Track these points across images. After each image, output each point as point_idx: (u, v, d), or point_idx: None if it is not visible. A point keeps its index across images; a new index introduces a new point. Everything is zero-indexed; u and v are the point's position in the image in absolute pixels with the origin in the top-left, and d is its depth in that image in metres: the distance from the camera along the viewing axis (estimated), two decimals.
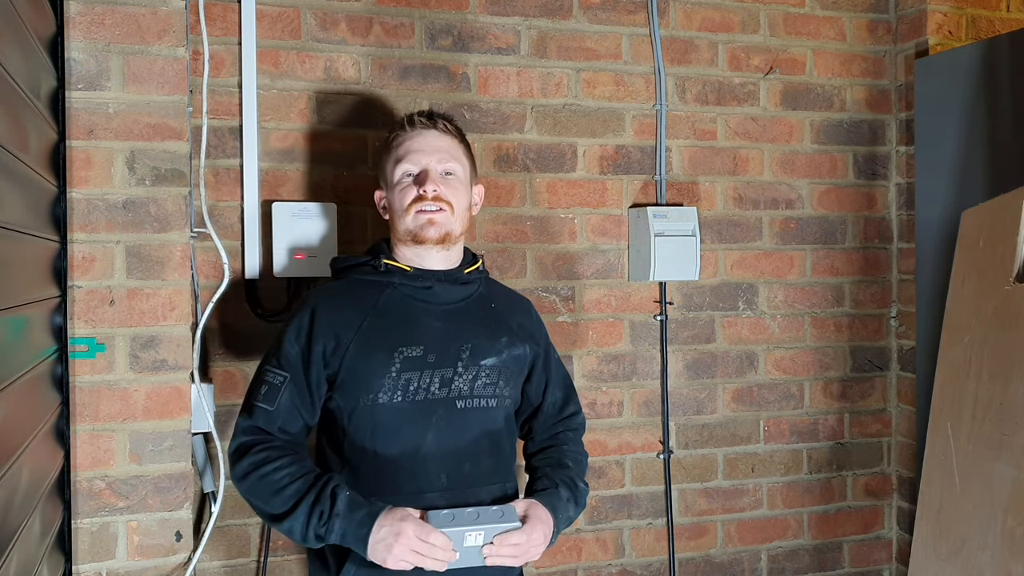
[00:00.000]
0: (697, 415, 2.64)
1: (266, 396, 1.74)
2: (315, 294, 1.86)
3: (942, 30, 2.69)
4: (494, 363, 1.80)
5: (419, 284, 1.81)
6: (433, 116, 1.87)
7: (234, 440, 1.74)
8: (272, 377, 1.75)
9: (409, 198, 1.81)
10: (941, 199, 2.57)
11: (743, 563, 2.69)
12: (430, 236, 1.80)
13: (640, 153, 2.57)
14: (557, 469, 1.85)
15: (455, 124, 1.91)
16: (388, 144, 1.89)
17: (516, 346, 1.86)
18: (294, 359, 1.75)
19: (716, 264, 2.65)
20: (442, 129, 1.86)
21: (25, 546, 1.42)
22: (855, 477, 2.80)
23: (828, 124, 2.75)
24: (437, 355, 1.75)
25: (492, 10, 2.44)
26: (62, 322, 1.82)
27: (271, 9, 2.25)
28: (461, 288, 1.85)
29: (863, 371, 2.80)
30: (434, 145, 1.83)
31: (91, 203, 1.88)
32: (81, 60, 1.87)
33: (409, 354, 1.73)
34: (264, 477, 1.67)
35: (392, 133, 1.89)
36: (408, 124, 1.86)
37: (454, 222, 1.82)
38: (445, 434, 1.73)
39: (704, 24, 2.63)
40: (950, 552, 2.12)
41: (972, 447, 2.09)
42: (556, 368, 1.98)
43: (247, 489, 1.69)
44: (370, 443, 1.72)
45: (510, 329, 1.87)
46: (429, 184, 1.79)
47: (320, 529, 1.61)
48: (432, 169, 1.81)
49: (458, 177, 1.85)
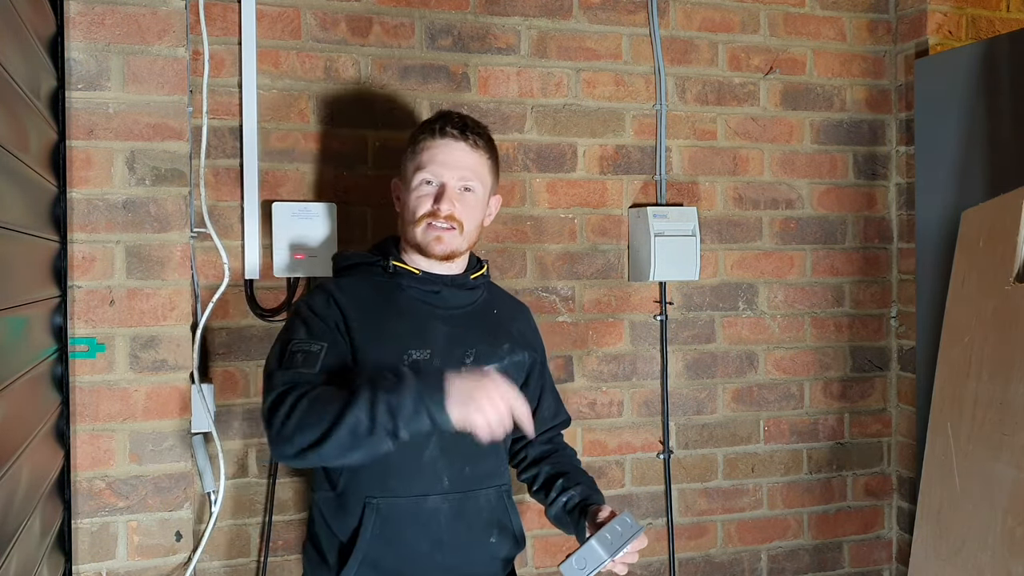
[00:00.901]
0: (697, 415, 2.64)
1: (305, 362, 1.62)
2: (327, 284, 1.81)
3: (942, 30, 2.69)
4: (496, 368, 1.79)
5: (428, 288, 1.80)
6: (466, 129, 1.79)
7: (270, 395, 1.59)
8: (307, 346, 1.65)
9: (423, 210, 1.77)
10: (941, 199, 2.57)
11: (743, 563, 2.69)
12: (435, 252, 1.78)
13: (640, 153, 2.57)
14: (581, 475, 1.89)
15: (488, 137, 1.84)
16: (414, 143, 1.83)
17: (517, 352, 1.86)
18: (324, 331, 1.68)
19: (716, 264, 2.65)
20: (472, 144, 1.79)
21: (25, 546, 1.42)
22: (855, 477, 2.80)
23: (828, 124, 2.75)
24: (443, 359, 1.73)
25: (492, 10, 2.44)
26: (62, 322, 1.82)
27: (271, 9, 2.25)
28: (467, 293, 1.85)
29: (863, 371, 2.80)
30: (459, 161, 1.78)
31: (91, 203, 1.88)
32: (81, 60, 1.87)
33: (418, 357, 1.72)
34: (316, 399, 1.54)
35: (421, 133, 1.82)
36: (439, 132, 1.78)
37: (462, 241, 1.79)
38: (448, 438, 1.70)
39: (704, 24, 2.63)
40: (950, 552, 2.12)
41: (972, 447, 2.09)
42: (548, 375, 2.00)
43: (297, 420, 1.53)
44: None
45: (511, 336, 1.88)
46: (444, 203, 1.75)
47: (391, 397, 1.49)
48: (451, 186, 1.77)
49: (476, 195, 1.80)
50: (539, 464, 1.93)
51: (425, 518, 1.71)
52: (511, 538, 1.83)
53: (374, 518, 1.69)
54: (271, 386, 1.62)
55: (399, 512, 1.70)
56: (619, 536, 1.61)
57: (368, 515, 1.69)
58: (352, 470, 1.72)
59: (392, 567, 1.71)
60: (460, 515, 1.74)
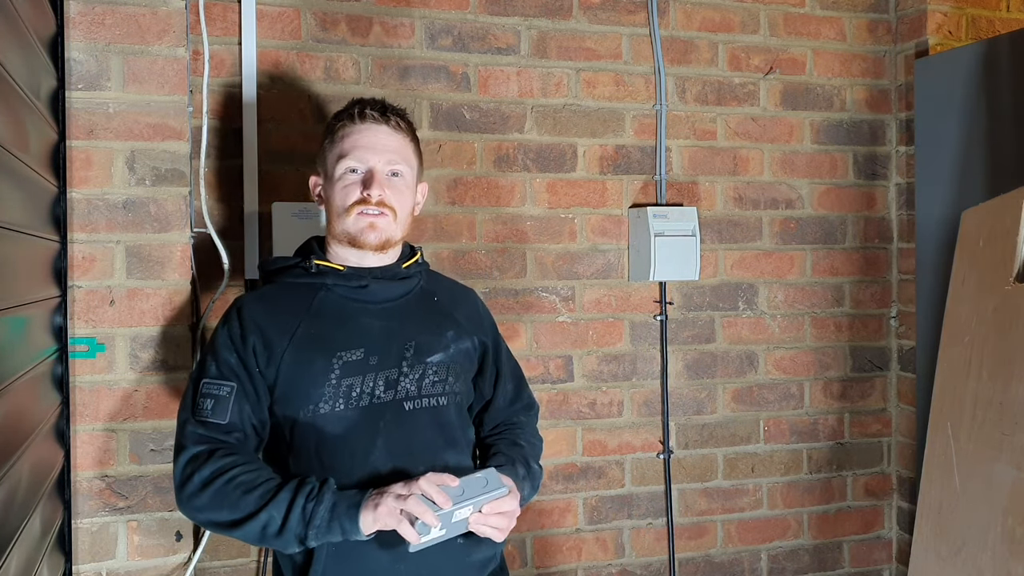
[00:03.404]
0: (697, 415, 2.64)
1: (215, 410, 1.58)
2: (241, 300, 1.71)
3: (942, 30, 2.69)
4: (441, 359, 1.69)
5: (354, 283, 1.69)
6: (386, 110, 1.72)
7: (183, 453, 1.56)
8: (216, 390, 1.60)
9: (351, 199, 1.67)
10: (941, 199, 2.57)
11: (743, 563, 2.69)
12: (369, 241, 1.68)
13: (640, 153, 2.57)
14: (511, 447, 1.75)
15: (408, 119, 1.76)
16: (332, 132, 1.73)
17: (463, 339, 1.75)
18: (236, 368, 1.61)
19: (716, 264, 2.65)
20: (394, 126, 1.71)
21: (25, 546, 1.42)
22: (855, 477, 2.80)
23: (828, 124, 2.75)
24: (379, 356, 1.64)
25: (492, 10, 2.44)
26: (62, 322, 1.82)
27: (271, 9, 2.25)
28: (399, 284, 1.73)
29: (863, 371, 2.80)
30: (383, 144, 1.69)
31: (91, 203, 1.88)
32: (81, 60, 1.87)
33: (349, 358, 1.62)
34: (233, 480, 1.51)
35: (338, 121, 1.73)
36: (358, 116, 1.70)
37: (395, 228, 1.70)
38: (395, 438, 1.60)
39: (704, 24, 2.63)
40: (950, 552, 2.12)
41: (972, 447, 2.09)
42: (507, 360, 1.88)
43: (211, 496, 1.51)
44: (316, 456, 1.59)
45: (456, 322, 1.76)
46: (375, 188, 1.66)
47: (309, 505, 1.47)
48: (379, 170, 1.68)
49: (405, 179, 1.72)
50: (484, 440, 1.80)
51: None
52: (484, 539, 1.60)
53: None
54: (183, 439, 1.58)
55: None
56: (482, 486, 1.52)
57: None
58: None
59: None
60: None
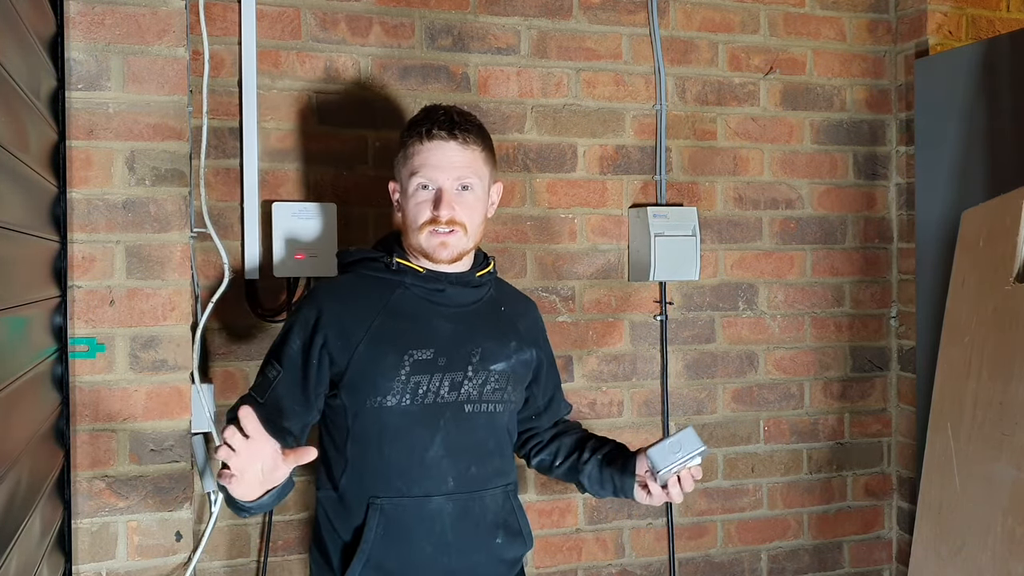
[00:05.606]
0: (697, 415, 2.64)
1: (258, 387, 1.74)
2: (322, 288, 1.82)
3: (942, 30, 2.69)
4: (503, 368, 1.79)
5: (431, 286, 1.77)
6: (454, 127, 1.73)
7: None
8: (269, 370, 1.74)
9: (423, 217, 1.73)
10: (941, 199, 2.57)
11: (743, 563, 2.69)
12: (442, 257, 1.75)
13: (640, 153, 2.57)
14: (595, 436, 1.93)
15: (476, 128, 1.78)
16: (404, 147, 1.78)
17: (524, 351, 1.85)
18: (294, 355, 1.73)
19: (716, 264, 2.65)
20: (462, 142, 1.73)
21: (25, 546, 1.42)
22: (855, 477, 2.80)
23: (828, 124, 2.75)
24: (448, 358, 1.72)
25: (492, 10, 2.44)
26: (62, 322, 1.82)
27: (271, 9, 2.25)
28: (473, 291, 1.82)
29: (863, 371, 2.80)
30: (451, 161, 1.73)
31: (91, 203, 1.88)
32: (81, 60, 1.87)
33: (419, 356, 1.71)
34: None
35: (409, 137, 1.77)
36: (427, 136, 1.73)
37: (467, 240, 1.76)
38: (453, 437, 1.71)
39: (704, 24, 2.63)
40: (950, 552, 2.12)
41: (972, 447, 2.09)
42: (556, 372, 2.01)
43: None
44: (376, 445, 1.70)
45: (518, 333, 1.86)
46: (444, 208, 1.71)
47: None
48: (447, 189, 1.72)
49: (475, 192, 1.76)
50: (557, 440, 1.93)
51: (429, 519, 1.70)
52: (518, 538, 1.81)
53: (378, 518, 1.69)
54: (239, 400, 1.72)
55: (403, 513, 1.69)
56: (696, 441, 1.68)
57: (372, 515, 1.69)
58: (354, 469, 1.72)
59: (396, 570, 1.70)
60: (465, 516, 1.73)
